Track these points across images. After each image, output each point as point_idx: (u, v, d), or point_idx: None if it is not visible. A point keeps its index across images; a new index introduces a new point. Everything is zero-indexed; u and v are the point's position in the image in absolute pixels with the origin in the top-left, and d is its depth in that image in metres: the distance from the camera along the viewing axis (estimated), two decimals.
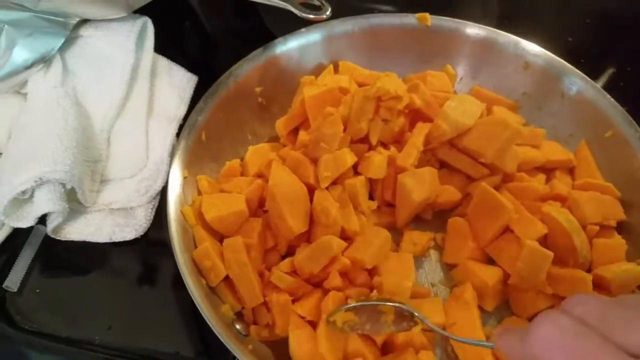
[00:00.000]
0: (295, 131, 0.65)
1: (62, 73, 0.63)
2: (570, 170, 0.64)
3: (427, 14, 0.69)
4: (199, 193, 0.59)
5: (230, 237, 0.54)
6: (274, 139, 0.67)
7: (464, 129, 0.58)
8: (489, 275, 0.55)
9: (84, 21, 0.65)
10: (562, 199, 0.59)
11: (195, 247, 0.54)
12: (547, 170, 0.63)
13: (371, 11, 0.79)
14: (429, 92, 0.62)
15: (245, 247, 0.53)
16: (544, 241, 0.55)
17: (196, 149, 0.60)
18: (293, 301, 0.52)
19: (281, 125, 0.65)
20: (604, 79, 0.75)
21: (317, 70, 0.69)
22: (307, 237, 0.56)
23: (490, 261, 0.58)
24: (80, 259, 0.60)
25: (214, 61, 0.80)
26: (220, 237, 0.56)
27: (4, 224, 0.57)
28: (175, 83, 0.70)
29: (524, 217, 0.55)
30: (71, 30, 0.63)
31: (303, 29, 0.69)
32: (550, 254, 0.51)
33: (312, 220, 0.56)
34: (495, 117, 0.61)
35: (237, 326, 0.53)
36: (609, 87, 0.65)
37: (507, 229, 0.56)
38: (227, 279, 0.53)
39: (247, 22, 0.83)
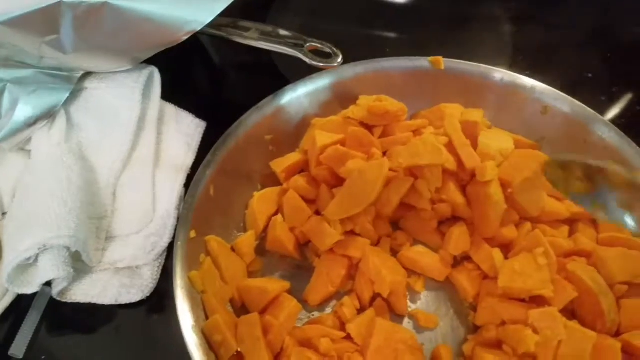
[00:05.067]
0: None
1: (67, 127, 0.61)
2: (594, 222, 0.61)
3: (440, 58, 0.66)
4: (207, 254, 0.57)
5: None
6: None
7: (506, 156, 0.58)
8: None
9: (89, 73, 0.63)
10: (586, 255, 0.56)
11: (205, 314, 0.52)
12: (570, 221, 0.60)
13: (382, 41, 0.77)
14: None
15: (267, 327, 0.52)
16: (569, 303, 0.53)
17: (204, 205, 0.58)
18: None
19: (280, 167, 0.64)
20: (625, 115, 0.73)
21: (328, 115, 0.66)
22: None
23: None
24: (89, 320, 0.58)
25: (224, 103, 0.78)
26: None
27: (7, 290, 0.56)
28: (183, 130, 0.68)
29: (554, 280, 0.52)
30: (76, 83, 0.62)
31: (314, 75, 0.67)
32: (593, 334, 0.48)
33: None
34: (527, 150, 0.59)
35: None
36: (631, 124, 0.62)
37: None
38: (238, 354, 0.51)
39: (258, 60, 0.81)
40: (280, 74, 0.76)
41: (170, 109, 0.69)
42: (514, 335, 0.50)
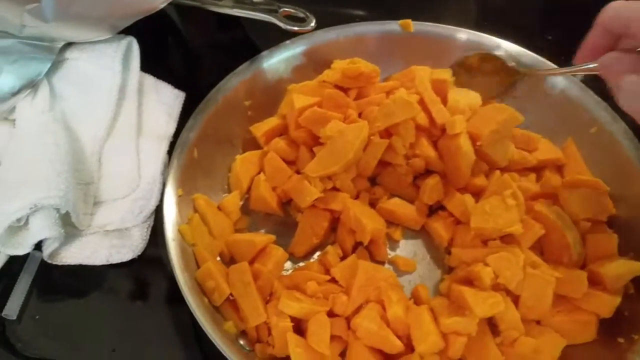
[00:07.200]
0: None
1: (50, 97, 0.63)
2: (559, 168, 0.65)
3: (409, 21, 0.69)
4: (195, 211, 0.59)
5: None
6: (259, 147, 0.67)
7: (474, 111, 0.61)
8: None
9: (70, 44, 0.65)
10: (552, 197, 0.60)
11: (197, 265, 0.55)
12: (537, 169, 0.64)
13: (352, 18, 0.80)
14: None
15: (257, 274, 0.54)
16: (537, 240, 0.56)
17: (189, 166, 0.60)
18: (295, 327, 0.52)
19: (260, 131, 0.66)
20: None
21: (304, 81, 0.69)
22: None
23: None
24: (79, 282, 0.59)
25: (200, 76, 0.79)
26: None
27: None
28: (163, 100, 0.70)
29: (523, 220, 0.55)
30: (57, 54, 0.63)
31: (288, 41, 0.69)
32: (552, 279, 0.52)
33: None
34: (493, 104, 0.63)
35: (241, 342, 0.53)
36: (590, 82, 0.66)
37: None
38: (230, 299, 0.53)
39: (231, 35, 0.83)
40: (255, 45, 0.78)
41: (150, 80, 0.70)
42: (475, 273, 0.53)
